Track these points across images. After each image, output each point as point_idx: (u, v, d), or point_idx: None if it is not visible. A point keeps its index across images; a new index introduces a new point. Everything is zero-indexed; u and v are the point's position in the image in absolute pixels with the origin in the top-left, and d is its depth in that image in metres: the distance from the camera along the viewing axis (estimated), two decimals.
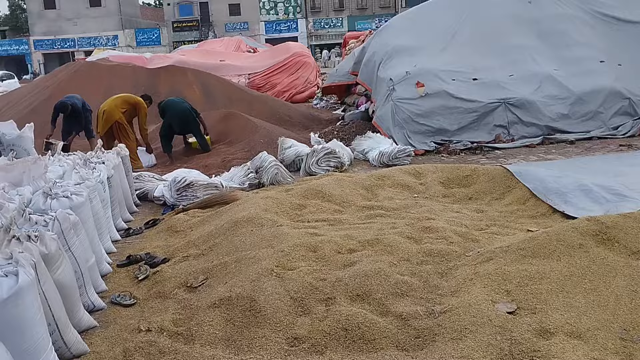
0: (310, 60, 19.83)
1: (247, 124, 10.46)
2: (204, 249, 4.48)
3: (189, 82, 14.29)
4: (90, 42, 50.79)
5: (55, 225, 3.54)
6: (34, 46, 51.84)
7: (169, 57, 20.83)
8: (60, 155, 5.94)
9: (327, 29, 53.03)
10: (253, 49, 28.93)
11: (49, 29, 52.19)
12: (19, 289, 2.63)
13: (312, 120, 12.76)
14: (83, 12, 52.63)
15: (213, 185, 6.49)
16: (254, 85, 17.59)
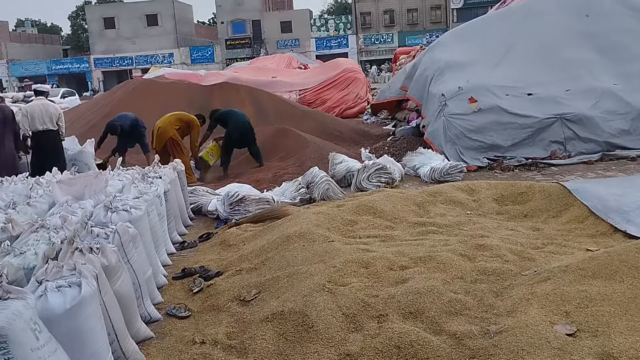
0: (361, 76, 19.90)
1: (298, 140, 10.56)
2: (257, 263, 4.53)
3: (242, 98, 14.55)
4: (147, 59, 52.51)
5: (116, 238, 3.66)
6: (94, 64, 53.97)
7: (222, 74, 21.28)
8: (119, 170, 6.15)
9: (378, 45, 53.14)
10: (304, 66, 29.28)
11: (108, 48, 54.28)
12: (81, 300, 2.73)
13: (363, 135, 12.77)
14: (141, 31, 54.55)
15: (265, 200, 6.57)
16: (305, 101, 17.76)
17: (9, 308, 2.43)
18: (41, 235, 3.61)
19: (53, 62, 55.37)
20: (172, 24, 55.06)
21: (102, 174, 5.35)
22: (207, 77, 19.14)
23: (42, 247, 3.42)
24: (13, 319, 2.39)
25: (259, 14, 54.40)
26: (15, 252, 3.37)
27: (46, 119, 8.29)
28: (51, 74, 52.92)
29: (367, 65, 48.16)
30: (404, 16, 54.49)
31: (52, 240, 3.50)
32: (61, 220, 3.87)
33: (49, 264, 2.90)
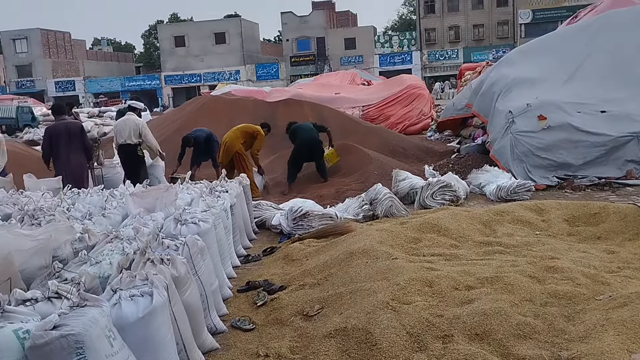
0: (425, 92, 19.75)
1: (361, 156, 10.57)
2: (320, 279, 4.55)
3: (305, 114, 14.70)
4: (215, 76, 54.05)
5: (185, 250, 3.77)
6: (164, 81, 56.03)
7: (287, 90, 21.63)
8: (188, 184, 6.34)
9: (442, 61, 52.67)
10: (367, 82, 29.35)
11: (178, 65, 56.25)
12: (153, 309, 2.83)
13: (426, 152, 12.64)
14: (209, 49, 56.29)
15: (328, 215, 6.61)
16: (368, 117, 17.78)
17: (85, 315, 2.54)
18: (115, 245, 3.77)
19: (126, 79, 57.85)
20: (239, 41, 56.55)
21: (172, 187, 5.53)
22: (272, 94, 19.49)
23: (116, 257, 3.56)
24: (90, 326, 2.49)
25: (323, 31, 55.08)
26: (91, 261, 3.53)
27: (126, 133, 8.75)
28: (124, 91, 55.27)
29: (431, 82, 47.77)
30: (470, 32, 53.84)
31: (126, 251, 3.64)
32: (134, 231, 4.02)
33: (123, 273, 3.02)
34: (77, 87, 56.98)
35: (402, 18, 75.84)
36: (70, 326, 2.45)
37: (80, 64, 61.20)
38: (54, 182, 7.24)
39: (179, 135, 11.55)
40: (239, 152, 9.41)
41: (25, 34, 57.37)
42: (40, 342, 2.41)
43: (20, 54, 57.69)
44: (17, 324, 2.50)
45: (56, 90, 56.73)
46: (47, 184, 7.03)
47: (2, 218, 5.10)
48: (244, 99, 16.98)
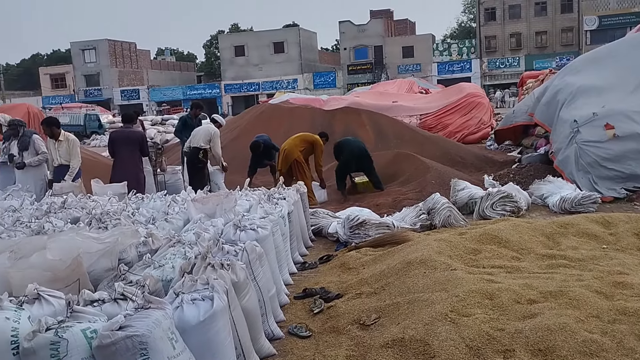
0: (485, 100, 19.39)
1: (419, 165, 10.47)
2: (376, 288, 4.52)
3: (362, 122, 14.71)
4: (273, 85, 54.83)
5: (244, 256, 3.82)
6: (224, 90, 57.23)
7: (344, 98, 21.68)
8: (247, 190, 6.45)
9: (503, 69, 51.62)
10: (425, 90, 29.09)
11: (238, 74, 57.38)
12: (213, 313, 2.88)
13: (486, 162, 12.38)
14: (268, 58, 57.18)
15: (385, 224, 6.56)
16: (426, 126, 17.60)
17: (149, 317, 2.62)
18: (178, 249, 3.87)
19: (188, 88, 59.43)
20: (297, 51, 57.19)
21: (232, 193, 5.64)
22: (329, 102, 19.58)
23: (178, 261, 3.66)
24: (153, 328, 2.56)
25: (381, 39, 55.01)
26: (155, 264, 3.64)
27: (197, 138, 9.20)
28: (186, 99, 56.77)
29: (490, 90, 46.85)
30: (532, 39, 52.57)
31: (187, 255, 3.72)
32: (195, 236, 4.12)
33: (185, 277, 3.10)
34: (142, 95, 58.95)
35: (462, 26, 74.81)
36: (135, 327, 2.53)
37: (145, 73, 63.33)
38: (119, 187, 7.51)
39: (238, 143, 11.78)
40: (297, 160, 9.49)
41: (94, 45, 59.87)
42: (106, 342, 2.49)
43: (88, 63, 60.22)
44: (85, 324, 2.60)
45: (121, 99, 58.87)
46: (113, 189, 7.29)
47: (71, 221, 5.32)
48: (301, 107, 17.14)
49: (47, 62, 72.41)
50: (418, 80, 35.31)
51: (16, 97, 56.77)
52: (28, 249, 3.43)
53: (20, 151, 8.25)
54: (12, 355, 2.54)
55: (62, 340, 2.47)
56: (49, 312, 2.74)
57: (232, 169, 10.46)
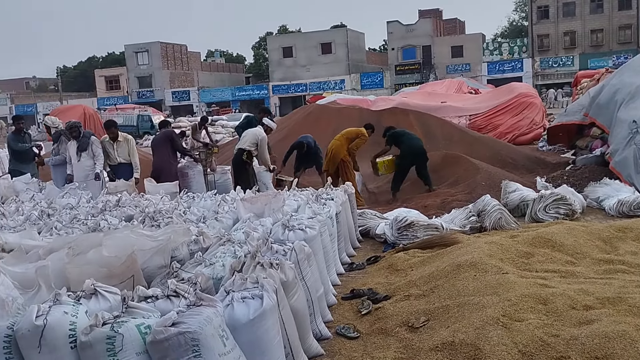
0: (537, 100, 18.90)
1: (468, 166, 10.29)
2: (425, 290, 4.46)
3: (410, 123, 14.56)
4: (320, 86, 54.96)
5: (293, 255, 3.84)
6: (272, 91, 57.74)
7: (392, 99, 21.53)
8: (295, 191, 6.48)
9: (556, 68, 50.25)
10: (475, 90, 28.60)
11: (285, 75, 57.79)
12: (263, 312, 2.90)
13: (538, 163, 12.07)
14: (315, 59, 57.37)
15: (433, 226, 6.48)
16: (475, 127, 17.29)
17: (201, 314, 2.66)
18: (227, 248, 3.92)
19: (237, 89, 60.23)
20: (345, 51, 57.17)
21: (280, 194, 5.67)
22: (377, 102, 19.48)
23: (228, 259, 3.71)
24: (205, 325, 2.61)
25: (429, 39, 54.41)
26: (205, 262, 3.70)
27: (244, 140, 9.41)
28: (234, 100, 57.60)
29: (543, 90, 45.65)
30: (587, 37, 50.96)
31: (237, 254, 3.77)
32: (245, 235, 4.17)
33: (235, 276, 3.13)
34: (192, 96, 60.08)
35: (513, 24, 73.15)
36: (187, 324, 2.58)
37: (195, 74, 64.55)
38: (171, 186, 7.68)
39: (285, 143, 11.84)
40: (343, 160, 9.48)
41: (146, 47, 61.41)
42: (160, 338, 2.55)
43: (141, 65, 61.80)
44: (139, 319, 2.66)
45: (172, 100, 60.16)
46: (165, 188, 7.47)
47: (126, 219, 5.47)
48: (349, 107, 17.11)
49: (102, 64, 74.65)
50: (467, 80, 34.73)
51: (73, 98, 58.79)
52: (85, 246, 3.53)
53: (79, 152, 8.58)
54: (70, 349, 2.63)
55: (117, 335, 2.54)
56: (105, 307, 2.82)
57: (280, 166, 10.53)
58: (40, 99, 64.82)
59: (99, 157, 8.71)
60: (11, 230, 4.98)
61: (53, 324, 2.59)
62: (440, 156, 11.31)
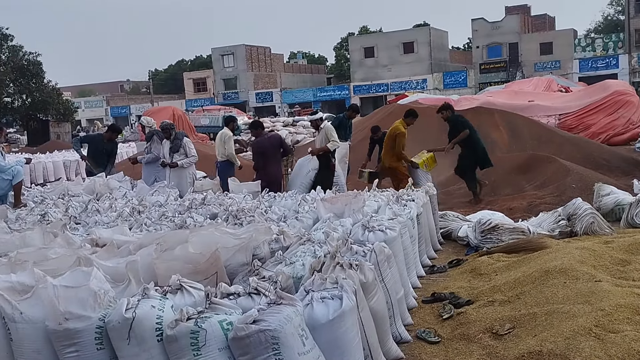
0: (634, 98, 17.79)
1: (557, 167, 9.85)
2: (510, 296, 4.30)
3: (496, 123, 14.13)
4: (402, 86, 54.39)
5: (372, 256, 3.80)
6: (353, 91, 57.76)
7: (476, 98, 20.96)
8: (374, 191, 6.43)
9: None
10: (565, 89, 27.32)
11: (367, 76, 57.65)
12: (342, 312, 2.89)
13: (635, 165, 11.35)
14: (397, 58, 56.86)
15: (519, 229, 6.23)
16: (565, 126, 16.51)
17: (281, 312, 2.68)
18: (307, 248, 3.94)
19: (318, 90, 60.72)
20: (427, 50, 56.31)
21: (360, 194, 5.65)
22: (460, 102, 19.01)
23: (308, 259, 3.72)
24: (285, 323, 2.63)
25: (516, 36, 52.54)
26: (286, 261, 3.73)
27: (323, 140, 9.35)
28: (316, 101, 58.07)
29: None
30: None
31: (317, 254, 3.78)
32: (325, 235, 4.17)
33: (315, 275, 3.14)
34: (275, 97, 61.18)
35: (608, 19, 69.28)
36: (268, 322, 2.61)
37: (278, 76, 65.71)
38: (253, 185, 7.84)
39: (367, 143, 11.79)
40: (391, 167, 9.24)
41: (232, 50, 63.14)
42: (241, 334, 2.59)
43: (227, 68, 63.62)
44: (222, 316, 2.72)
45: (256, 101, 61.52)
46: (248, 187, 7.63)
47: (210, 217, 5.64)
48: (431, 107, 16.80)
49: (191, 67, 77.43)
50: (557, 78, 33.19)
51: (163, 100, 61.36)
52: (172, 242, 3.67)
53: (171, 152, 8.91)
54: (156, 342, 2.73)
55: (201, 330, 2.61)
56: (189, 303, 2.90)
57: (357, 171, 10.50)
58: (133, 101, 68.19)
59: (192, 158, 8.96)
60: (105, 226, 5.26)
61: (141, 317, 2.70)
62: (527, 157, 10.90)
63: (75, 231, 5.11)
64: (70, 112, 39.26)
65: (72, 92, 62.99)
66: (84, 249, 3.95)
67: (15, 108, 37.45)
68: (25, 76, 37.01)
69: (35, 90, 37.07)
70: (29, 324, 2.85)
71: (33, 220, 5.79)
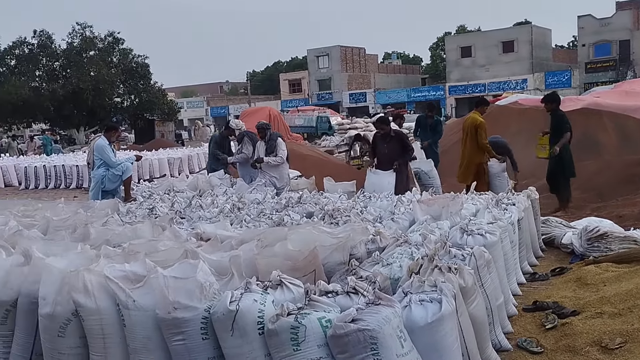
0: None
1: None
2: (621, 309, 4.04)
3: (604, 125, 13.36)
4: (500, 86, 52.68)
5: (472, 261, 3.71)
6: (448, 92, 56.66)
7: (581, 99, 19.82)
8: (473, 194, 6.27)
9: None
10: None
11: (463, 76, 56.34)
12: (441, 316, 2.84)
13: None
14: (495, 58, 55.15)
15: (631, 238, 5.84)
16: None
17: (380, 313, 2.68)
18: (404, 249, 3.91)
19: (412, 90, 60.10)
20: (528, 49, 54.18)
21: (459, 196, 5.53)
22: (565, 103, 17.89)
23: (405, 260, 3.70)
24: (383, 324, 2.62)
25: (628, 33, 49.33)
26: (383, 262, 3.73)
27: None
28: (410, 101, 57.49)
29: None
30: None
31: (414, 256, 3.74)
32: (422, 237, 4.12)
33: (413, 277, 3.11)
34: (368, 98, 61.22)
35: None
36: (367, 321, 2.61)
37: (372, 76, 65.70)
38: (349, 185, 7.88)
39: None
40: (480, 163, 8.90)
41: (327, 51, 63.89)
42: (340, 333, 2.62)
43: (322, 69, 64.45)
44: (321, 313, 2.76)
45: (349, 102, 61.83)
46: (343, 187, 7.68)
47: (306, 215, 5.74)
48: (532, 108, 16.12)
49: (287, 68, 79.14)
50: None
51: (259, 101, 63.10)
52: (272, 239, 3.77)
53: (267, 154, 9.07)
54: (258, 334, 2.81)
55: (301, 325, 2.66)
56: (289, 298, 2.97)
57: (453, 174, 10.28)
58: (232, 101, 70.65)
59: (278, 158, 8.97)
60: (207, 221, 5.48)
61: (244, 310, 2.79)
62: (637, 160, 10.21)
63: (180, 225, 5.37)
64: (173, 112, 41.28)
65: (175, 93, 66.17)
66: (190, 242, 4.15)
67: (124, 108, 39.85)
68: (134, 78, 39.30)
69: (142, 91, 39.26)
70: (141, 311, 3.03)
71: (142, 214, 6.16)
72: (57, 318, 3.19)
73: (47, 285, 3.25)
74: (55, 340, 3.22)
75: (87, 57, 37.44)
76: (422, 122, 10.79)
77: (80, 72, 35.39)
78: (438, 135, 11.63)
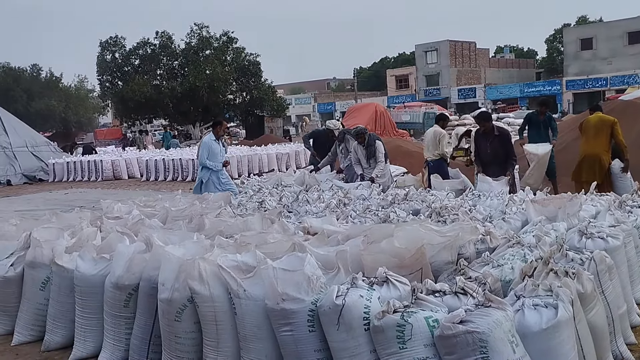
0: None
1: None
2: None
3: None
4: (624, 80, 49.03)
5: (591, 266, 3.49)
6: (565, 86, 53.60)
7: None
8: (593, 195, 5.88)
9: None
10: None
11: (582, 70, 53.07)
12: (557, 322, 2.70)
13: None
14: (620, 50, 51.47)
15: None
16: None
17: (490, 316, 2.59)
18: (516, 251, 3.74)
19: (525, 85, 57.47)
20: None
21: (577, 197, 5.22)
22: None
23: (517, 262, 3.54)
24: (494, 327, 2.53)
25: None
26: (493, 263, 3.59)
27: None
28: (522, 97, 55.03)
29: None
30: None
31: (527, 258, 3.58)
32: (535, 239, 3.93)
33: (527, 281, 2.97)
34: (477, 94, 59.33)
35: None
36: (476, 324, 2.54)
37: (482, 71, 63.61)
38: (457, 183, 7.68)
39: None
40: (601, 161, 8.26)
41: (436, 46, 62.69)
42: (447, 333, 2.56)
43: (430, 64, 63.33)
44: (427, 312, 2.72)
45: (458, 97, 60.25)
46: (451, 184, 7.50)
47: (413, 212, 5.66)
48: None
49: (394, 64, 78.44)
50: None
51: (366, 97, 63.13)
52: (378, 235, 3.75)
53: (367, 158, 8.98)
54: (363, 330, 2.81)
55: (407, 324, 2.63)
56: (395, 296, 2.95)
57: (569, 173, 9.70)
58: (338, 98, 71.22)
59: (380, 163, 8.81)
60: (314, 216, 5.56)
61: (350, 305, 2.81)
62: None
63: (288, 219, 5.49)
64: (282, 108, 42.39)
65: (284, 90, 67.83)
66: (297, 236, 4.23)
67: (237, 104, 41.49)
68: (246, 75, 40.80)
69: (253, 88, 40.68)
70: (251, 300, 3.14)
71: (252, 207, 6.37)
72: (174, 303, 3.38)
73: (166, 272, 3.45)
74: (172, 324, 3.42)
75: (203, 56, 39.35)
76: (534, 120, 10.23)
77: (197, 71, 37.26)
78: (555, 131, 11.01)
